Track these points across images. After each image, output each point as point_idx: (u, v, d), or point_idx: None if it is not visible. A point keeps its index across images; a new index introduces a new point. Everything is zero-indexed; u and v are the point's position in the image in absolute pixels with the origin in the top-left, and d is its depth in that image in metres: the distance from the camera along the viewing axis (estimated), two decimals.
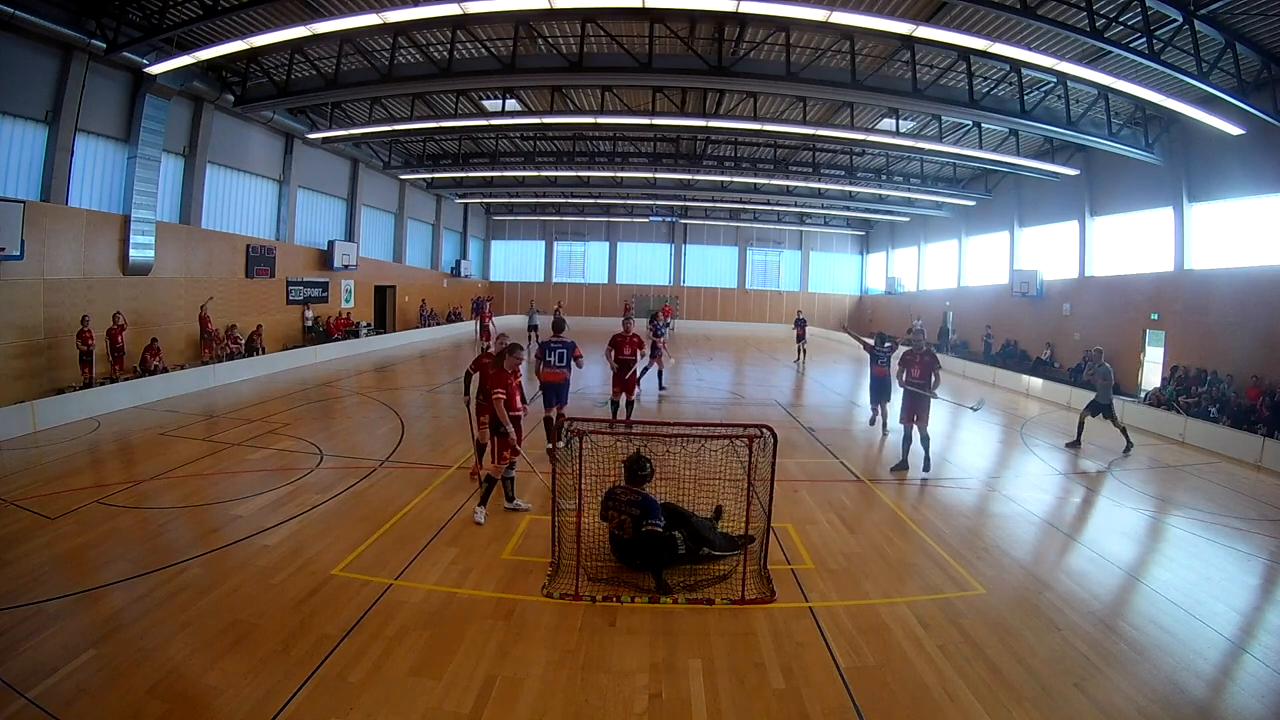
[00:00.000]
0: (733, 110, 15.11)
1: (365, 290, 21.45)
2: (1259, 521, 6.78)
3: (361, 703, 3.31)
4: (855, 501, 6.83)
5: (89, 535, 5.30)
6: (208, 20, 9.54)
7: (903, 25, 9.13)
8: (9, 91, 10.14)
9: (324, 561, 4.91)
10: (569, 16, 9.97)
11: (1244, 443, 9.68)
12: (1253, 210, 12.40)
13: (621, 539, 4.77)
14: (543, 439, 8.02)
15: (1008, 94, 12.06)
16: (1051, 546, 5.90)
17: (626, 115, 14.00)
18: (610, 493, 4.85)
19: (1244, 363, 11.69)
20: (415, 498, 6.41)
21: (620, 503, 4.73)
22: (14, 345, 10.11)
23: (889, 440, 9.60)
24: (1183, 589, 4.98)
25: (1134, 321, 14.74)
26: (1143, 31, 8.70)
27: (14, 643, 3.71)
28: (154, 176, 12.46)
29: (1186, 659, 3.99)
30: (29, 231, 9.91)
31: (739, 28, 10.22)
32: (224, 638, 3.85)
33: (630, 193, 25.01)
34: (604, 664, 3.74)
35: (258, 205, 16.72)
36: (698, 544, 4.90)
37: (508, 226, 33.13)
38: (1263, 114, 10.12)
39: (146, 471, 7.08)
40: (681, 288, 32.49)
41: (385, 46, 11.41)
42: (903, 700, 3.50)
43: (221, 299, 14.60)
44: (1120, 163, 14.48)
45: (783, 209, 28.30)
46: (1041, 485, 7.80)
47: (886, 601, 4.61)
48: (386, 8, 9.25)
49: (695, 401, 12.48)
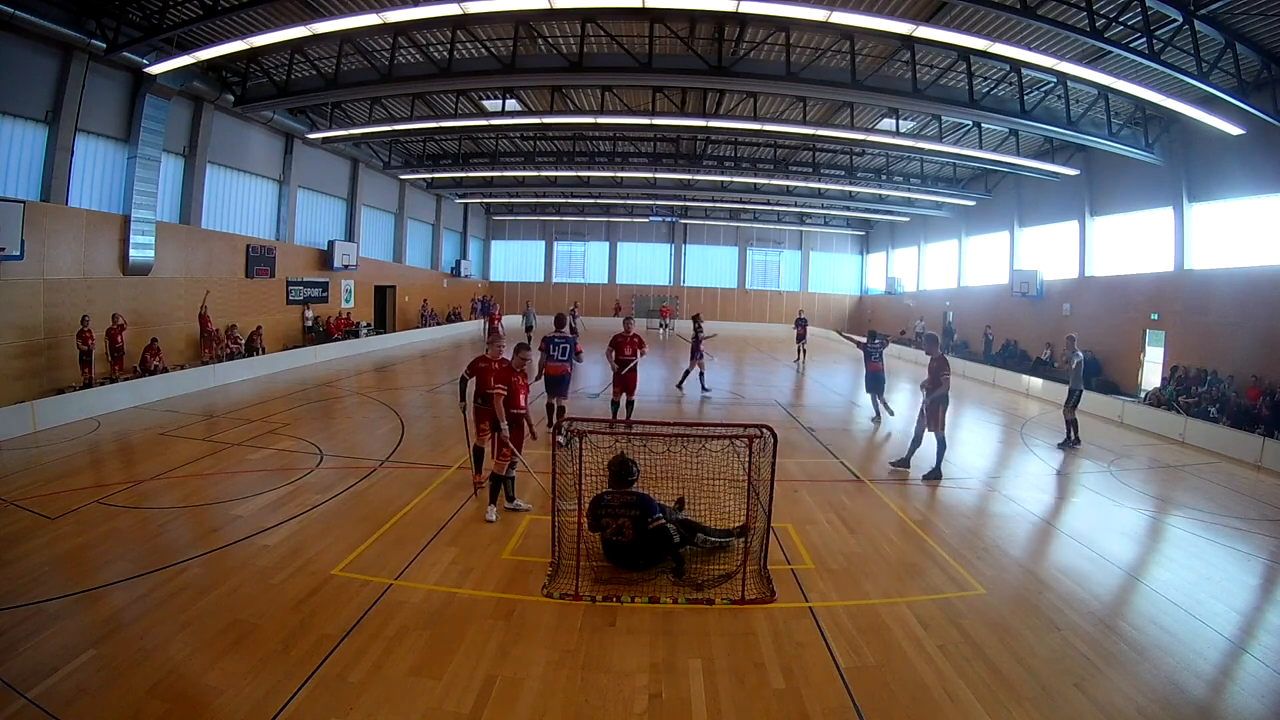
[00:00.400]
0: (733, 110, 15.11)
1: (365, 290, 21.45)
2: (1259, 521, 6.78)
3: (361, 703, 3.31)
4: (855, 501, 6.83)
5: (89, 535, 5.30)
6: (208, 20, 9.54)
7: (903, 25, 9.14)
8: (9, 91, 10.14)
9: (324, 561, 4.91)
10: (569, 16, 9.97)
11: (1244, 443, 9.68)
12: (1253, 210, 12.40)
13: (621, 544, 4.70)
14: (545, 440, 8.02)
15: (1008, 94, 12.06)
16: (1051, 546, 5.90)
17: (626, 115, 14.01)
18: (598, 500, 4.76)
19: (1244, 363, 11.69)
20: (415, 498, 6.41)
21: (613, 508, 4.68)
22: (14, 345, 10.11)
23: (891, 437, 9.67)
24: (1183, 589, 4.98)
25: (1134, 321, 14.73)
26: (1143, 31, 8.70)
27: (14, 643, 3.71)
28: (154, 176, 12.46)
29: (1186, 659, 3.99)
30: (29, 231, 9.91)
31: (739, 28, 10.22)
32: (224, 638, 3.85)
33: (630, 193, 25.02)
34: (604, 664, 3.74)
35: (258, 205, 16.72)
36: (690, 531, 4.96)
37: (508, 226, 33.13)
38: (1263, 114, 10.12)
39: (146, 471, 7.08)
40: (681, 288, 32.49)
41: (385, 46, 11.42)
42: (903, 700, 3.50)
43: (221, 299, 14.60)
44: (1120, 163, 14.48)
45: (783, 209, 28.30)
46: (1041, 485, 7.80)
47: (886, 601, 4.61)
48: (386, 8, 9.25)
49: (695, 401, 12.47)
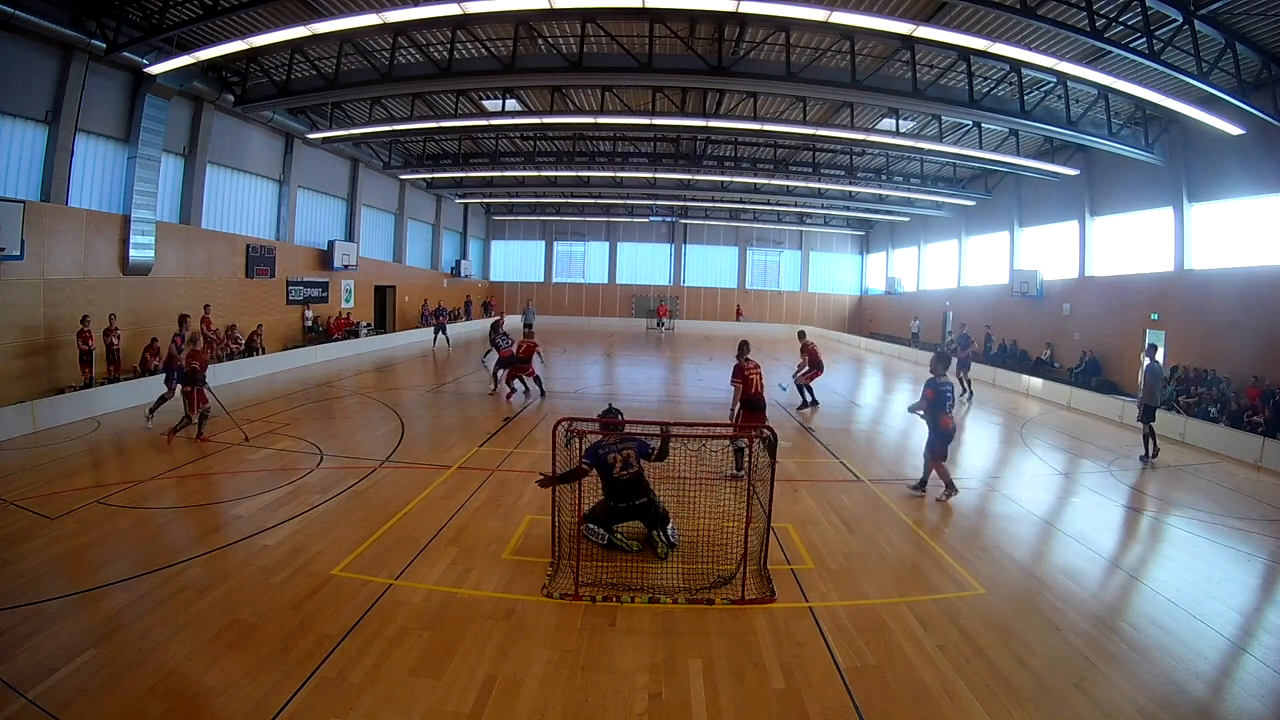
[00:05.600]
0: (733, 110, 15.11)
1: (365, 290, 21.46)
2: (1259, 521, 6.78)
3: (361, 703, 3.31)
4: (855, 501, 6.83)
5: (89, 535, 5.30)
6: (208, 20, 9.54)
7: (903, 25, 9.14)
8: (9, 91, 10.13)
9: (324, 561, 4.91)
10: (569, 16, 9.97)
11: (1244, 443, 9.68)
12: (1253, 210, 12.41)
13: (628, 478, 5.03)
14: (545, 441, 8.02)
15: (1008, 94, 12.06)
16: (1051, 546, 5.89)
17: (626, 115, 14.01)
18: (598, 444, 5.06)
19: (1244, 363, 11.69)
20: (415, 498, 6.41)
21: (614, 444, 5.09)
22: (14, 345, 10.11)
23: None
24: (1183, 589, 4.98)
25: (1134, 321, 14.74)
26: (1143, 31, 8.70)
27: (14, 643, 3.71)
28: (154, 176, 12.45)
29: (1186, 659, 3.98)
30: (29, 231, 9.90)
31: (739, 28, 10.22)
32: (224, 638, 3.85)
33: (630, 193, 25.03)
34: (604, 664, 3.74)
35: (258, 205, 16.72)
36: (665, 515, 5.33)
37: (508, 226, 33.14)
38: (1263, 114, 10.12)
39: (146, 471, 7.08)
40: (681, 288, 32.52)
41: (385, 46, 11.42)
42: (903, 700, 3.50)
43: (221, 299, 14.60)
44: (1120, 163, 14.49)
45: (783, 209, 28.31)
46: (1041, 485, 7.80)
47: (886, 601, 4.61)
48: (386, 8, 9.25)
49: (695, 401, 12.46)
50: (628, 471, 5.03)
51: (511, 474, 7.28)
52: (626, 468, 5.01)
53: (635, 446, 5.09)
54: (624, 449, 5.06)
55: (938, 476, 6.88)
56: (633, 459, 5.04)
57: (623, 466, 5.01)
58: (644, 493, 5.13)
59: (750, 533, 4.58)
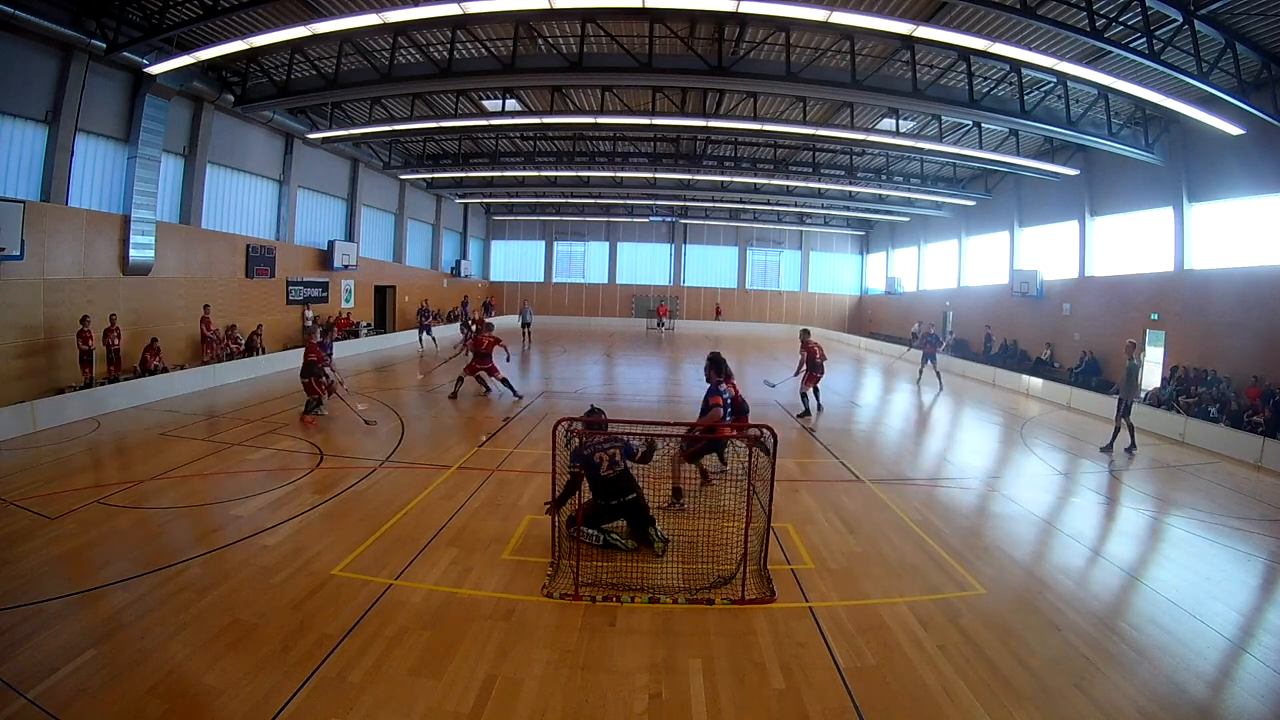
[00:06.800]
0: (733, 110, 15.10)
1: (365, 290, 21.46)
2: (1259, 521, 6.78)
3: (361, 703, 3.31)
4: (855, 501, 6.83)
5: (89, 535, 5.30)
6: (208, 20, 9.54)
7: (903, 25, 9.13)
8: (9, 91, 10.13)
9: (324, 561, 4.91)
10: (569, 16, 9.96)
11: (1244, 443, 9.68)
12: (1253, 210, 12.41)
13: (614, 477, 5.09)
14: (545, 441, 8.02)
15: (1008, 94, 12.05)
16: (1051, 546, 5.89)
17: (626, 115, 14.00)
18: (583, 446, 5.10)
19: (1244, 363, 11.69)
20: (415, 498, 6.41)
21: (600, 444, 5.16)
22: (14, 345, 10.11)
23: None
24: (1183, 589, 4.98)
25: (1134, 321, 14.73)
26: (1143, 31, 8.70)
27: (14, 643, 3.71)
28: (154, 176, 12.46)
29: (1186, 659, 3.98)
30: (29, 231, 9.91)
31: (739, 28, 10.22)
32: (224, 638, 3.85)
33: (630, 193, 25.01)
34: (604, 664, 3.74)
35: (258, 205, 16.72)
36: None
37: (508, 226, 33.13)
38: (1263, 114, 10.12)
39: (146, 471, 7.08)
40: (682, 288, 32.51)
41: (385, 46, 11.42)
42: (903, 700, 3.50)
43: (221, 299, 14.60)
44: (1120, 163, 14.49)
45: (783, 209, 28.30)
46: (1041, 485, 7.80)
47: (886, 601, 4.60)
48: (386, 8, 9.25)
49: (695, 402, 12.41)
50: (614, 470, 5.10)
51: (511, 474, 7.29)
52: (613, 466, 5.09)
53: (621, 447, 5.17)
54: (610, 448, 5.14)
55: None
56: (618, 457, 5.12)
57: (609, 465, 5.08)
58: (632, 488, 5.17)
59: (750, 533, 4.58)
